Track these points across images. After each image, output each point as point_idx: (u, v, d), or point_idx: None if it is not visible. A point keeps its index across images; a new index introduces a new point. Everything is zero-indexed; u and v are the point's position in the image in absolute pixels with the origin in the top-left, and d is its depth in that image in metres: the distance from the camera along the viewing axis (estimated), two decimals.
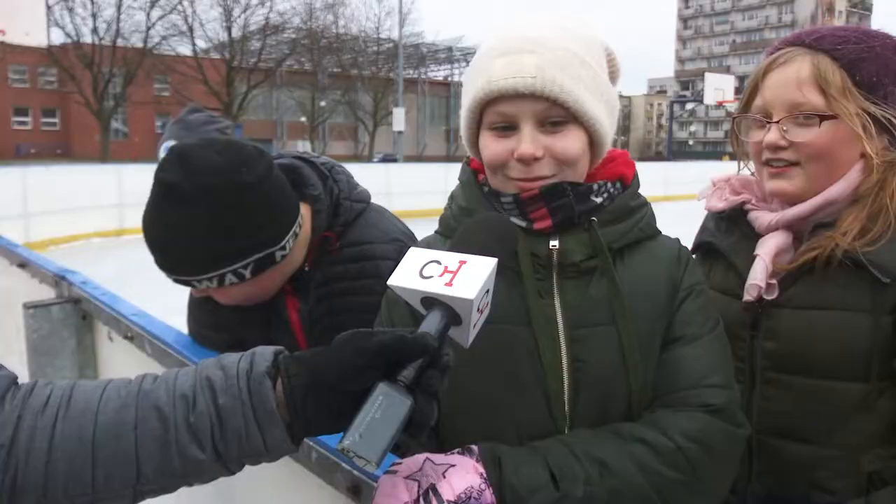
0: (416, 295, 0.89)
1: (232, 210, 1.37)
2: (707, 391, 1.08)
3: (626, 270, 1.13)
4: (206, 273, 1.39)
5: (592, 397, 1.08)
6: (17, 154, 49.82)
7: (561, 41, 1.08)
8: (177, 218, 1.36)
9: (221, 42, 41.08)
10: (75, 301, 2.33)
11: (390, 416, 0.78)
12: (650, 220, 1.19)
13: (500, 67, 1.07)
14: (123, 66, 37.01)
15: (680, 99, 70.66)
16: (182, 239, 1.37)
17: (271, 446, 0.82)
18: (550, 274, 1.11)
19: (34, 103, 53.32)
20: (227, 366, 0.84)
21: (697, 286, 1.17)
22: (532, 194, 1.10)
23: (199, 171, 1.36)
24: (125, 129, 54.73)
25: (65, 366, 2.35)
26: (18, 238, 11.62)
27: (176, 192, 1.35)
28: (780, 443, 1.34)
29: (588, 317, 1.10)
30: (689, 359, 1.11)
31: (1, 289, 3.83)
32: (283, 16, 42.79)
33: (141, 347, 1.84)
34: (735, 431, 1.08)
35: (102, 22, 37.25)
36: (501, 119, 1.09)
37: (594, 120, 1.10)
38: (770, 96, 1.31)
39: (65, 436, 0.79)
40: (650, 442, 1.02)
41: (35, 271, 2.74)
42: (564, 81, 1.06)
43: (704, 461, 1.03)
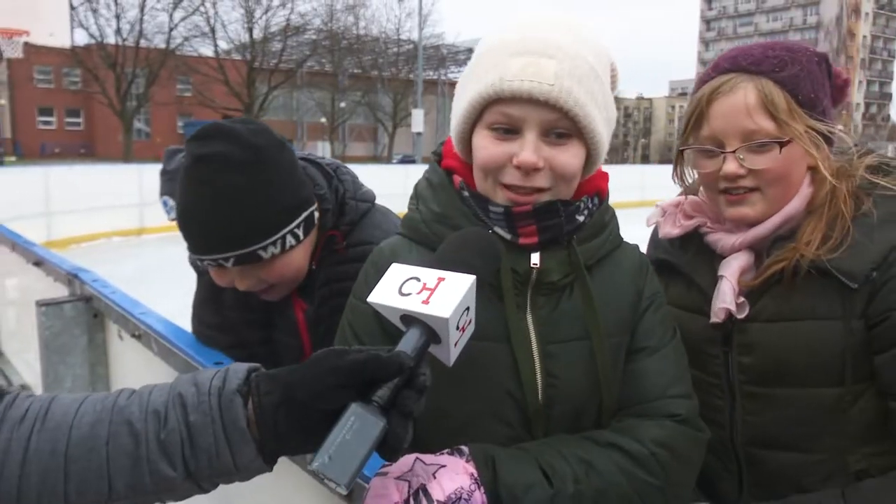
0: (395, 312, 0.88)
1: (281, 168, 1.41)
2: (672, 402, 1.12)
3: (597, 284, 1.13)
4: (272, 236, 1.39)
5: (566, 411, 1.10)
6: (41, 153, 50.55)
7: (580, 49, 1.05)
8: (234, 185, 1.35)
9: (243, 43, 41.38)
10: (87, 299, 2.36)
11: (362, 437, 0.76)
12: (617, 231, 1.20)
13: (518, 68, 1.02)
14: (146, 67, 37.40)
15: None
16: (246, 205, 1.36)
17: (241, 465, 0.81)
18: (525, 290, 1.11)
19: (58, 103, 54.05)
20: (200, 382, 0.83)
21: (658, 296, 1.20)
22: (524, 210, 1.08)
23: (241, 139, 1.38)
24: (147, 129, 55.30)
25: (76, 363, 2.38)
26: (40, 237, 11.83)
27: (229, 160, 1.35)
28: (766, 453, 1.35)
29: (560, 332, 1.10)
30: (652, 371, 1.14)
31: (19, 286, 3.89)
32: (304, 17, 43.11)
33: (148, 346, 1.86)
34: (699, 436, 1.13)
35: (126, 23, 37.76)
36: (505, 121, 1.05)
37: (597, 136, 1.07)
38: (720, 125, 1.30)
39: (39, 448, 0.78)
40: (624, 447, 1.05)
41: (49, 269, 2.78)
42: (580, 94, 1.03)
43: (674, 466, 1.07)
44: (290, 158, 1.46)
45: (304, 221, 1.45)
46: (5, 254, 3.91)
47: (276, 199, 1.40)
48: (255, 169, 1.38)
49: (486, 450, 1.00)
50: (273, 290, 1.51)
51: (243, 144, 1.38)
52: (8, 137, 46.52)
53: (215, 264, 1.42)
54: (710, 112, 1.31)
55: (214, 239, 1.38)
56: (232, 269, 1.42)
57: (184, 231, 1.43)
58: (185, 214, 1.41)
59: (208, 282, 1.65)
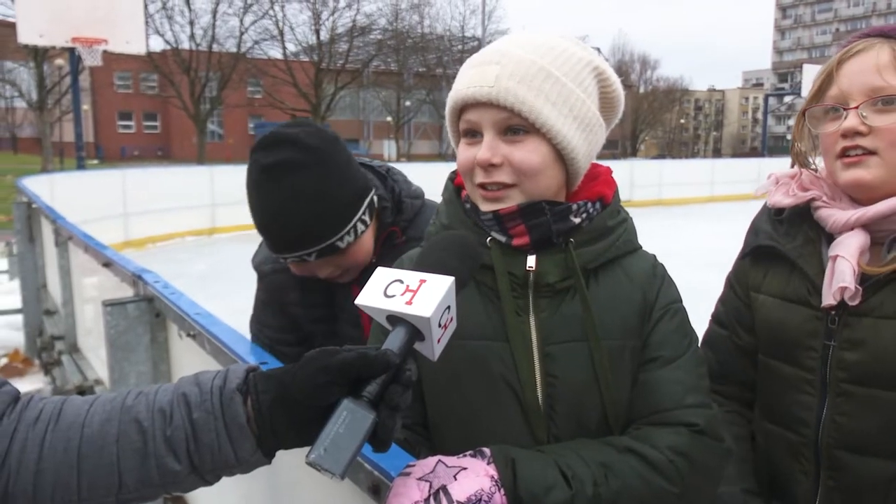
0: (382, 313, 0.94)
1: (340, 163, 1.55)
2: (688, 411, 1.11)
3: (600, 288, 1.15)
4: (345, 227, 1.53)
5: (567, 412, 1.12)
6: (121, 156, 52.68)
7: (528, 54, 1.12)
8: (304, 188, 1.48)
9: (310, 45, 42.08)
10: (149, 300, 2.46)
11: (354, 430, 0.82)
12: (629, 237, 1.20)
13: (467, 78, 1.13)
14: (218, 71, 38.45)
15: (777, 92, 67.75)
16: (319, 202, 1.49)
17: (242, 459, 0.86)
18: (527, 293, 1.14)
19: (137, 107, 56.27)
20: (202, 382, 0.89)
21: (673, 305, 1.19)
22: (510, 210, 1.13)
23: (300, 143, 1.51)
24: (220, 130, 56.95)
25: (140, 360, 2.48)
26: (119, 237, 12.35)
27: (295, 165, 1.49)
28: (856, 459, 1.27)
29: (559, 333, 1.13)
30: (668, 381, 1.13)
31: (93, 286, 4.08)
32: (370, 17, 43.64)
33: (202, 345, 1.93)
34: (718, 447, 1.12)
35: (199, 28, 38.94)
36: (469, 126, 1.14)
37: (556, 132, 1.11)
38: (847, 84, 1.25)
39: (53, 447, 0.84)
40: (642, 453, 1.06)
41: (117, 271, 2.90)
42: (520, 91, 1.09)
43: (692, 475, 1.07)
44: (344, 152, 1.58)
45: (367, 207, 1.59)
46: (80, 254, 4.10)
47: (342, 192, 1.53)
48: (319, 169, 1.51)
49: (507, 451, 1.02)
50: (346, 274, 1.63)
51: (304, 148, 1.50)
52: (90, 141, 48.61)
53: (299, 260, 1.54)
54: (840, 72, 1.28)
55: (295, 239, 1.51)
56: (313, 262, 1.55)
57: (265, 234, 1.56)
58: (263, 219, 1.53)
59: (271, 285, 1.77)
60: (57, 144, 37.29)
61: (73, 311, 4.77)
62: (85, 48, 13.06)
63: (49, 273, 5.91)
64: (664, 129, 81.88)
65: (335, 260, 1.57)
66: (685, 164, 30.66)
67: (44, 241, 5.87)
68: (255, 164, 1.52)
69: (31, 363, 5.83)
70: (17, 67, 35.75)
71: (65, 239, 4.68)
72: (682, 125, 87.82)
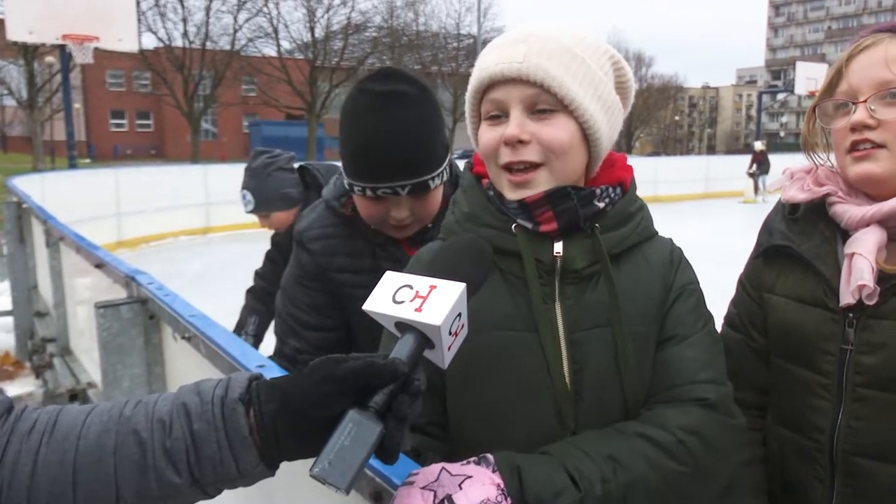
0: (390, 320, 0.90)
1: (437, 108, 1.62)
2: (699, 387, 1.11)
3: (622, 274, 1.15)
4: (439, 168, 1.59)
5: (593, 398, 1.12)
6: (114, 155, 52.53)
7: (553, 34, 1.12)
8: (414, 120, 1.54)
9: (305, 42, 41.88)
10: (143, 301, 2.41)
11: (359, 442, 0.78)
12: (647, 223, 1.21)
13: (493, 57, 1.12)
14: (212, 69, 38.28)
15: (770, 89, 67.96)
16: (424, 136, 1.55)
17: (244, 471, 0.83)
18: (553, 280, 1.14)
19: (129, 106, 56.09)
20: (203, 391, 0.85)
21: (689, 286, 1.20)
22: (537, 197, 1.12)
23: (413, 80, 1.58)
24: (214, 129, 56.81)
25: (134, 363, 2.44)
26: (112, 237, 12.28)
27: (402, 94, 1.54)
28: (873, 465, 1.23)
29: (585, 320, 1.13)
30: (681, 357, 1.14)
31: (85, 287, 4.03)
32: (365, 15, 43.41)
33: (197, 348, 1.88)
34: (730, 422, 1.12)
35: (192, 26, 38.56)
36: (494, 107, 1.12)
37: (584, 111, 1.11)
38: (856, 79, 1.23)
39: (48, 459, 0.81)
40: (651, 437, 1.05)
41: (109, 272, 2.85)
42: (550, 66, 1.08)
43: (704, 453, 1.06)
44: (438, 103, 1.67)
45: (448, 160, 1.65)
46: (71, 255, 4.05)
47: (440, 135, 1.61)
48: (427, 107, 1.57)
49: (511, 458, 0.99)
50: (407, 228, 1.65)
51: (418, 85, 1.57)
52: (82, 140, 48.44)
53: (391, 192, 1.55)
54: (849, 68, 1.26)
55: (397, 167, 1.53)
56: (397, 198, 1.57)
57: (363, 159, 1.55)
58: (368, 144, 1.54)
59: (320, 250, 1.74)
60: (48, 143, 37.18)
61: (65, 312, 4.72)
62: (76, 45, 12.98)
63: (40, 274, 5.86)
64: (659, 127, 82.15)
65: (417, 202, 1.60)
66: (680, 161, 30.82)
67: (34, 241, 5.82)
68: (364, 92, 1.55)
69: (22, 366, 5.76)
70: (7, 65, 35.45)
71: (56, 239, 4.63)
72: (676, 122, 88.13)
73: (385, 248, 1.73)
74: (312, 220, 1.80)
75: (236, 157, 49.86)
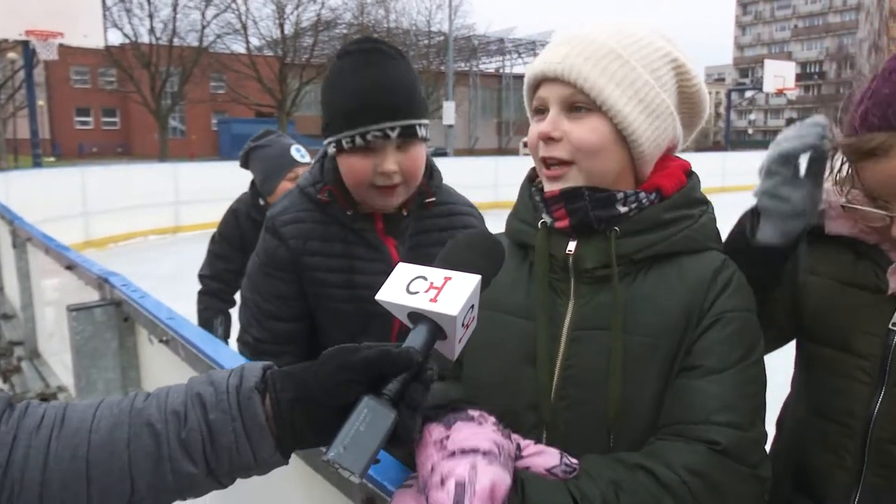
0: (403, 310, 0.91)
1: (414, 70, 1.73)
2: (714, 428, 1.02)
3: (647, 283, 1.13)
4: (426, 117, 1.67)
5: (579, 397, 1.12)
6: (79, 153, 51.62)
7: (600, 37, 1.15)
8: (401, 70, 1.65)
9: (274, 39, 41.50)
10: (117, 304, 2.35)
11: (374, 429, 0.80)
12: (694, 235, 1.15)
13: (542, 57, 1.18)
14: (180, 65, 37.73)
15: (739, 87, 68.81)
16: (411, 86, 1.65)
17: (261, 460, 0.83)
18: (569, 276, 1.16)
19: (95, 103, 55.14)
20: (216, 382, 0.85)
21: (730, 313, 1.09)
22: (553, 194, 1.16)
23: (388, 44, 1.70)
24: (182, 126, 56.11)
25: (108, 367, 2.38)
26: (79, 237, 12.04)
27: (385, 51, 1.65)
28: None
29: (590, 320, 1.13)
30: (702, 392, 1.05)
31: (54, 288, 3.93)
32: (335, 11, 43.06)
33: (175, 351, 1.83)
34: (745, 472, 1.02)
35: (159, 22, 38.03)
36: (539, 103, 1.19)
37: (617, 112, 1.12)
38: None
39: (59, 455, 0.80)
40: (654, 472, 0.99)
41: (81, 273, 2.77)
42: (584, 68, 1.12)
43: (709, 498, 0.99)
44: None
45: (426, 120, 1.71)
46: (40, 256, 3.95)
47: (422, 92, 1.71)
48: (408, 63, 1.69)
49: (517, 473, 0.95)
50: (394, 192, 1.67)
51: (393, 48, 1.69)
52: (47, 138, 47.47)
53: (381, 135, 1.60)
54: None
55: (388, 109, 1.59)
56: (386, 147, 1.62)
57: (354, 107, 1.60)
58: (357, 93, 1.61)
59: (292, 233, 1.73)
60: (10, 141, 36.42)
61: (33, 315, 4.61)
62: (40, 41, 12.70)
63: (6, 275, 5.71)
64: None
65: (405, 155, 1.64)
66: None
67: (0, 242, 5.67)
68: (348, 54, 1.65)
69: None
70: None
71: (23, 240, 4.52)
72: None
73: (360, 234, 1.73)
74: (286, 205, 1.79)
75: (205, 155, 49.37)
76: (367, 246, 1.73)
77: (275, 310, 1.77)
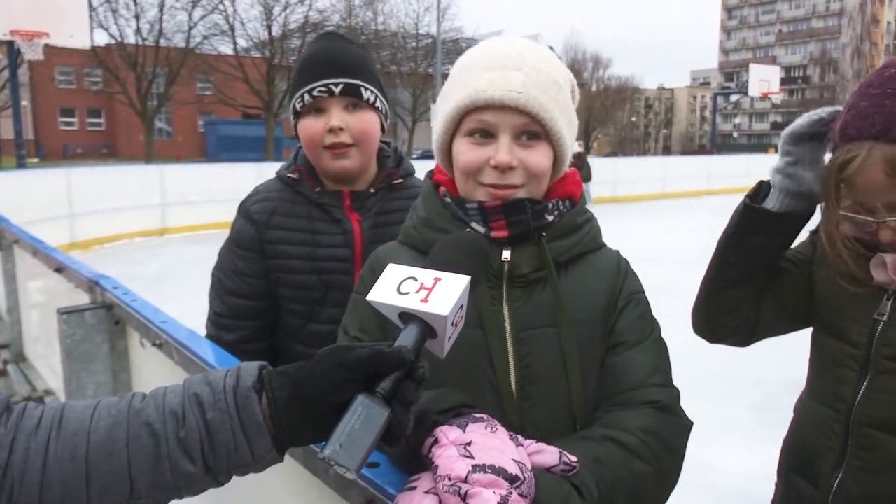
0: (394, 310, 0.94)
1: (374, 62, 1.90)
2: (650, 390, 1.17)
3: (570, 280, 1.23)
4: (373, 84, 1.79)
5: (540, 395, 1.18)
6: (64, 154, 51.17)
7: (542, 64, 1.21)
8: (354, 46, 1.83)
9: (262, 41, 41.25)
10: (108, 307, 2.33)
11: (369, 426, 0.82)
12: (594, 235, 1.29)
13: (489, 79, 1.17)
14: (166, 66, 37.43)
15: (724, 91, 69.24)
16: (360, 55, 1.81)
17: (259, 457, 0.85)
18: (501, 283, 1.21)
19: (80, 104, 54.68)
20: (213, 382, 0.87)
21: (636, 295, 1.27)
22: (495, 205, 1.20)
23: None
24: (168, 128, 55.77)
25: (99, 370, 2.36)
26: (64, 238, 11.94)
27: (341, 35, 1.87)
28: (885, 438, 1.27)
29: (531, 320, 1.19)
30: (632, 362, 1.20)
31: (41, 291, 3.90)
32: (323, 13, 42.85)
33: (169, 355, 1.82)
34: (681, 423, 1.18)
35: (146, 23, 37.67)
36: (482, 127, 1.19)
37: (562, 139, 1.21)
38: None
39: (58, 455, 0.81)
40: (618, 440, 1.10)
41: (70, 276, 2.75)
42: (545, 100, 1.17)
43: (664, 453, 1.12)
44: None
45: (387, 111, 1.86)
46: (27, 258, 3.91)
47: (378, 76, 1.84)
48: (364, 48, 1.87)
49: None
50: (347, 155, 1.77)
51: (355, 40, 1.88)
52: (30, 139, 47.04)
53: (325, 91, 1.73)
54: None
55: (332, 67, 1.74)
56: (331, 104, 1.74)
57: (313, 61, 1.77)
58: (309, 57, 1.79)
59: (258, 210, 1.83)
60: None
61: (20, 318, 4.57)
62: (25, 41, 12.61)
63: None
64: (616, 127, 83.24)
65: (352, 116, 1.75)
66: (638, 161, 31.23)
67: None
68: (313, 42, 1.85)
69: None
70: None
71: (10, 242, 4.48)
72: (633, 123, 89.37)
73: (325, 210, 1.82)
74: (259, 189, 1.90)
75: (192, 156, 49.12)
76: (332, 220, 1.81)
77: (234, 286, 1.84)
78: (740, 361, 1.93)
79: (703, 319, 1.56)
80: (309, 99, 1.75)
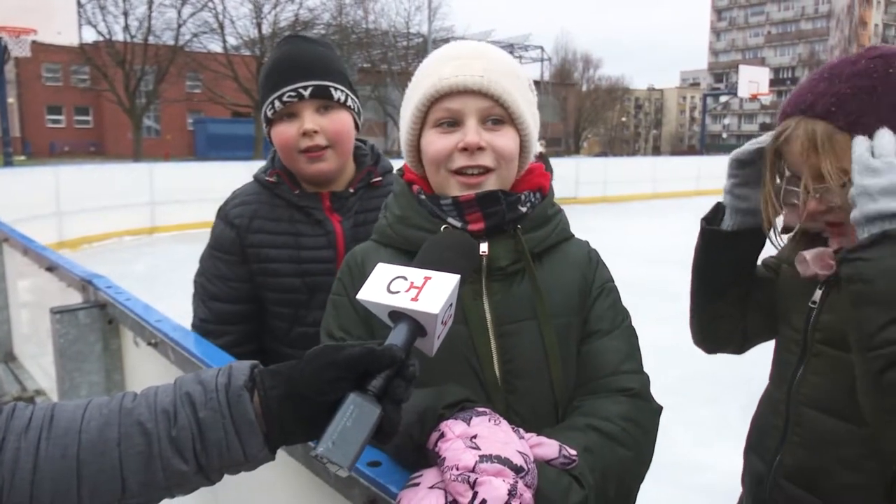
0: (384, 309, 0.95)
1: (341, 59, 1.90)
2: (624, 377, 1.22)
3: (544, 271, 1.26)
4: (342, 84, 1.78)
5: (525, 386, 1.21)
6: (51, 152, 50.76)
7: (501, 56, 1.27)
8: (323, 48, 1.83)
9: (252, 39, 41.07)
10: (101, 306, 2.32)
11: (361, 423, 0.83)
12: (564, 226, 1.33)
13: (450, 69, 1.22)
14: (155, 64, 37.20)
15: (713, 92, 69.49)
16: (329, 58, 1.81)
17: (251, 455, 0.86)
18: (480, 277, 1.23)
19: (67, 101, 54.24)
20: (205, 381, 0.88)
21: (607, 284, 1.32)
22: (469, 198, 1.23)
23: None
24: (157, 126, 55.45)
25: (92, 370, 2.35)
26: (52, 237, 11.85)
27: (306, 37, 1.86)
28: (819, 416, 1.37)
29: (512, 314, 1.22)
30: (605, 350, 1.24)
31: (31, 290, 3.87)
32: (313, 12, 42.62)
33: (164, 354, 1.81)
34: (653, 408, 1.23)
35: (134, 20, 37.34)
36: (448, 115, 1.22)
37: (527, 124, 1.25)
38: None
39: (49, 455, 0.81)
40: (600, 428, 1.13)
41: (63, 275, 2.73)
42: (506, 84, 1.21)
43: (641, 438, 1.16)
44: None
45: (359, 109, 1.86)
46: (17, 257, 3.88)
47: (345, 73, 1.83)
48: (331, 48, 1.86)
49: None
50: (323, 157, 1.77)
51: (321, 39, 1.89)
52: (17, 136, 46.60)
53: (295, 95, 1.72)
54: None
55: (299, 71, 1.74)
56: (303, 108, 1.74)
57: (281, 64, 1.76)
58: (274, 63, 1.78)
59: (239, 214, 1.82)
60: None
61: (9, 317, 4.53)
62: (12, 38, 12.52)
63: None
64: (606, 127, 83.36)
65: (324, 118, 1.75)
66: (629, 161, 31.32)
67: None
68: (280, 42, 1.85)
69: None
70: None
71: None
72: (623, 123, 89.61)
73: (306, 212, 1.81)
74: (237, 193, 1.91)
75: (180, 155, 48.86)
76: (313, 222, 1.81)
77: (217, 291, 1.84)
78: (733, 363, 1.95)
79: (696, 331, 1.65)
80: (279, 105, 1.74)
